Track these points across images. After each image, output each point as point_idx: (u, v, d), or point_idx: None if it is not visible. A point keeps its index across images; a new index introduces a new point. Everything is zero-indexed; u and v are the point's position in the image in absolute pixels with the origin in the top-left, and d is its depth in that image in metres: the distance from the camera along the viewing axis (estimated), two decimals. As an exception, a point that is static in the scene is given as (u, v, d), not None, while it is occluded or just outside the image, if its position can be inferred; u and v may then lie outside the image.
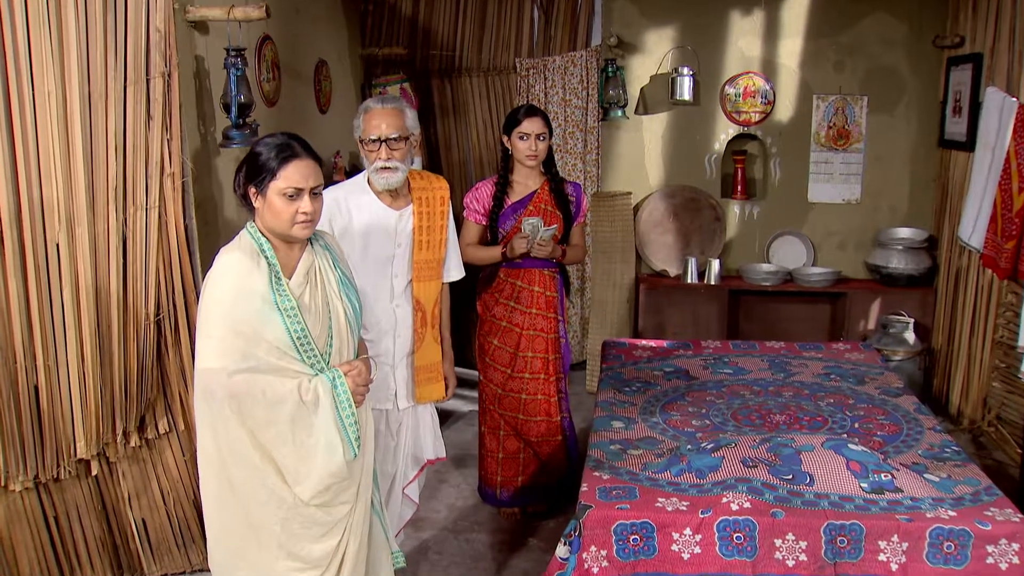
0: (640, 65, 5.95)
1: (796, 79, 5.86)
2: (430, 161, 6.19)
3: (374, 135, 3.09)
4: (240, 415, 2.33)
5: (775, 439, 3.24)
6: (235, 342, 2.32)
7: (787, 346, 4.82)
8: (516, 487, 4.15)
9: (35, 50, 2.90)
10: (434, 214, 3.27)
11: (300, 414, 2.38)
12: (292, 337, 2.38)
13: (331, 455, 2.42)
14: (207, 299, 2.36)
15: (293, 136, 2.46)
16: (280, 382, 2.35)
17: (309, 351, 2.42)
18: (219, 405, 2.33)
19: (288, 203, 2.37)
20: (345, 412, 2.44)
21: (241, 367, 2.31)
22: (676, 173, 6.04)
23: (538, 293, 4.01)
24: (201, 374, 2.35)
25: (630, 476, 3.14)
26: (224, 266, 2.38)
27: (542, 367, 4.05)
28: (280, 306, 2.37)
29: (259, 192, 2.39)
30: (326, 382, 2.43)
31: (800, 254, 6.01)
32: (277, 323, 2.36)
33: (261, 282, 2.36)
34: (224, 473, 2.40)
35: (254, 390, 2.33)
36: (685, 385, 4.19)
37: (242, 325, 2.32)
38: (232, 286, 2.35)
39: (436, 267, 3.34)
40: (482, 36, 6.02)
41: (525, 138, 3.85)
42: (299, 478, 2.41)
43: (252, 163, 2.40)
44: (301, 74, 4.72)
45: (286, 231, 2.41)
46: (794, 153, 5.94)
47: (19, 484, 3.10)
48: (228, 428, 2.35)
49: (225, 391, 2.32)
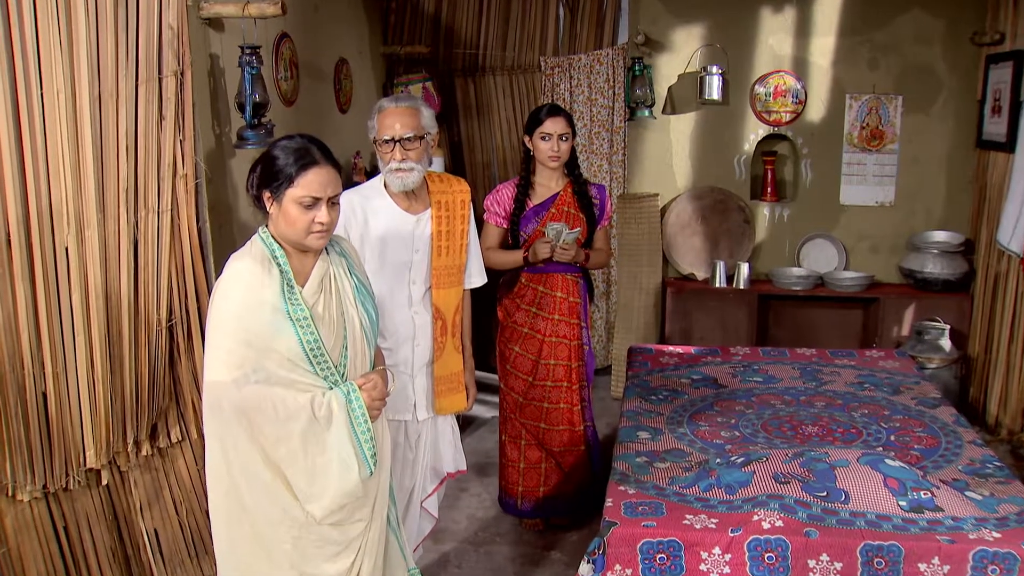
0: (668, 64, 5.83)
1: (828, 78, 5.72)
2: (453, 162, 6.13)
3: (388, 135, 2.99)
4: (250, 431, 2.24)
5: (808, 453, 3.12)
6: (245, 354, 2.22)
7: (819, 353, 4.70)
8: (538, 498, 4.04)
9: (44, 47, 2.81)
10: (454, 218, 3.17)
11: (313, 430, 2.27)
12: (305, 349, 2.28)
13: (346, 473, 2.32)
14: (216, 308, 2.27)
15: (312, 139, 2.35)
16: (292, 396, 2.26)
17: (323, 363, 2.33)
18: (228, 420, 2.24)
19: (304, 212, 2.28)
20: (360, 428, 2.34)
21: (251, 380, 2.22)
22: (704, 174, 5.93)
23: (561, 299, 3.90)
24: (209, 387, 2.26)
25: (657, 491, 3.05)
26: (234, 274, 2.29)
27: (565, 375, 3.94)
28: (292, 316, 2.27)
29: (274, 198, 2.29)
30: (340, 397, 2.33)
31: (831, 258, 5.87)
32: (289, 334, 2.26)
33: (272, 291, 2.26)
34: (234, 491, 2.30)
35: (264, 405, 2.23)
36: (713, 394, 4.08)
37: (252, 336, 2.23)
38: (242, 295, 2.25)
39: (456, 273, 3.23)
40: (506, 34, 5.95)
41: (547, 139, 3.74)
42: (311, 497, 2.31)
43: (268, 167, 2.30)
44: (321, 73, 4.64)
45: (300, 240, 2.31)
46: (826, 154, 5.80)
47: (27, 494, 3.02)
48: (237, 444, 2.26)
49: (234, 405, 2.23)
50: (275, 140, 2.37)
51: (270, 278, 2.27)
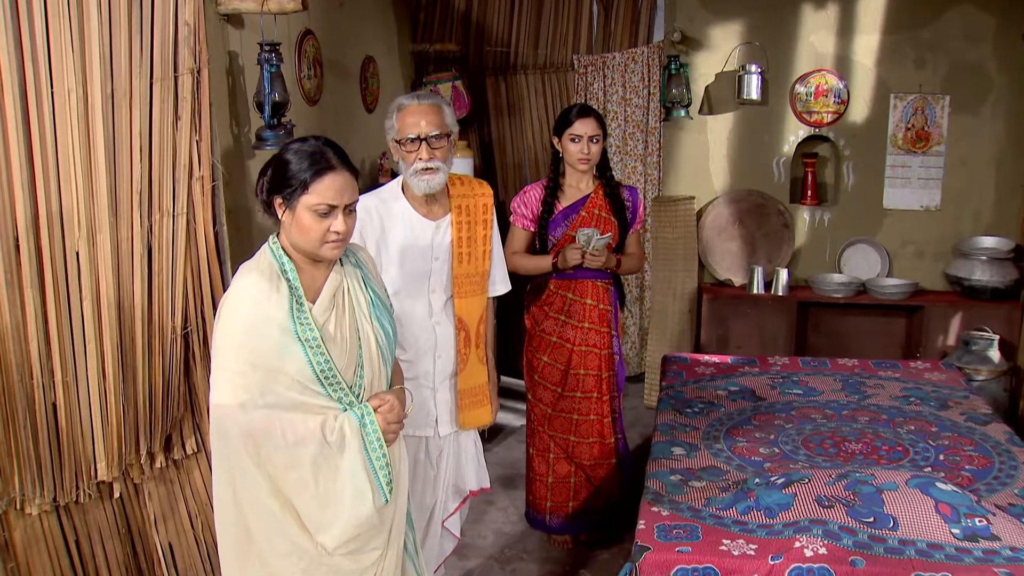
0: (705, 62, 5.68)
1: (872, 77, 5.53)
2: (483, 163, 6.02)
3: (413, 133, 2.84)
4: (257, 457, 2.12)
5: (853, 475, 2.96)
6: (252, 376, 2.10)
7: (861, 363, 4.54)
8: (567, 513, 3.89)
9: (54, 44, 2.71)
10: (476, 223, 3.03)
11: (324, 456, 2.15)
12: (315, 370, 2.15)
13: (359, 503, 2.19)
14: (221, 327, 2.14)
15: (328, 142, 2.22)
16: (302, 420, 2.13)
17: (335, 384, 2.20)
18: (234, 445, 2.12)
19: (319, 221, 2.14)
20: (375, 454, 2.21)
21: (259, 403, 2.09)
22: (742, 177, 5.77)
23: (591, 306, 3.75)
24: (216, 410, 2.14)
25: (692, 512, 2.91)
26: (240, 290, 2.16)
27: (595, 385, 3.79)
28: (301, 336, 2.14)
29: (287, 205, 2.16)
30: (353, 420, 2.20)
31: (874, 264, 5.69)
32: (298, 355, 2.13)
33: (280, 310, 2.13)
34: (241, 520, 2.18)
35: (273, 429, 2.10)
36: (751, 407, 3.94)
37: (259, 357, 2.10)
38: (247, 314, 2.13)
39: (480, 281, 3.09)
40: (538, 31, 5.83)
41: (577, 140, 3.60)
42: (323, 526, 2.18)
43: (280, 171, 2.16)
44: (346, 71, 4.53)
45: (314, 251, 2.18)
46: (869, 156, 5.62)
47: (36, 507, 2.93)
48: (244, 471, 2.13)
49: (240, 430, 2.10)
50: (288, 142, 2.24)
51: (278, 295, 2.14)
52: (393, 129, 2.88)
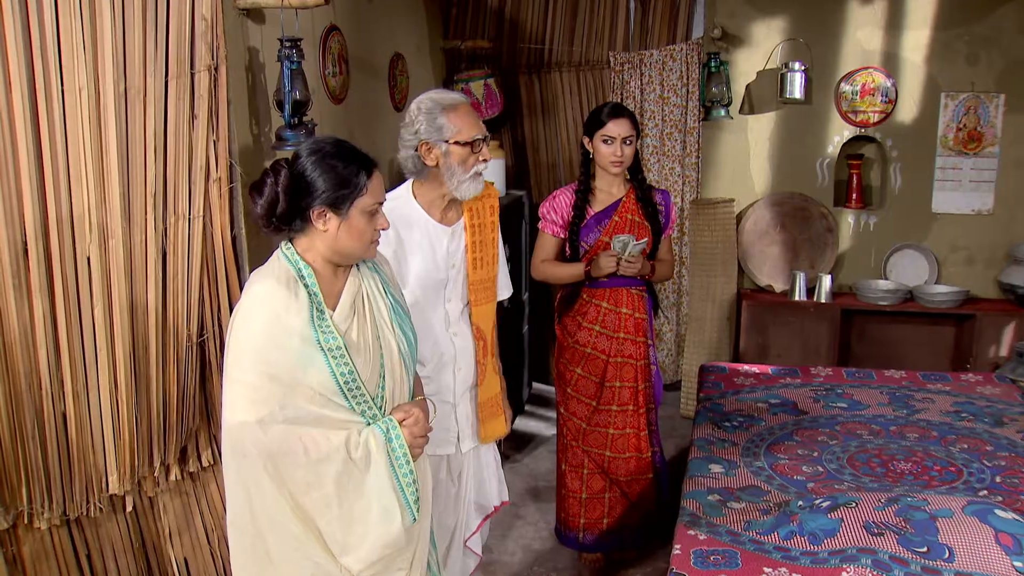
0: (746, 60, 5.52)
1: (922, 75, 5.34)
2: (516, 163, 5.90)
3: (479, 133, 2.71)
4: (278, 476, 2.00)
5: (904, 499, 2.79)
6: (271, 389, 1.98)
7: (909, 376, 4.36)
8: (601, 530, 3.74)
9: (64, 40, 2.61)
10: (486, 227, 2.91)
11: (349, 474, 2.03)
12: (338, 382, 2.04)
13: (387, 523, 2.08)
14: (236, 338, 2.03)
15: (341, 140, 2.12)
16: (324, 436, 2.01)
17: (358, 396, 2.09)
18: (252, 464, 2.00)
19: (370, 221, 2.09)
20: (402, 470, 2.10)
21: (278, 419, 1.98)
22: (784, 179, 5.62)
23: (626, 315, 3.59)
24: (231, 428, 2.02)
25: (731, 537, 2.77)
26: (255, 299, 2.04)
27: (631, 398, 3.63)
28: (324, 345, 2.03)
29: (336, 213, 2.04)
30: (379, 435, 2.08)
31: (921, 270, 5.50)
32: (321, 366, 2.02)
33: (300, 318, 2.02)
34: (260, 544, 2.06)
35: (294, 446, 1.99)
36: (793, 421, 3.77)
37: (278, 369, 1.99)
38: (265, 323, 2.01)
39: (491, 287, 2.97)
40: (574, 28, 5.69)
41: (610, 142, 3.44)
42: (348, 548, 2.07)
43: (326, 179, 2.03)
44: (374, 68, 4.40)
45: (363, 253, 2.12)
46: (917, 157, 5.44)
47: (44, 522, 2.83)
48: (264, 492, 2.01)
49: (259, 448, 1.98)
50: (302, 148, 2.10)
51: (297, 302, 2.03)
52: (449, 129, 2.67)
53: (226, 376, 2.04)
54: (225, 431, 2.05)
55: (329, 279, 2.12)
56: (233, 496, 2.08)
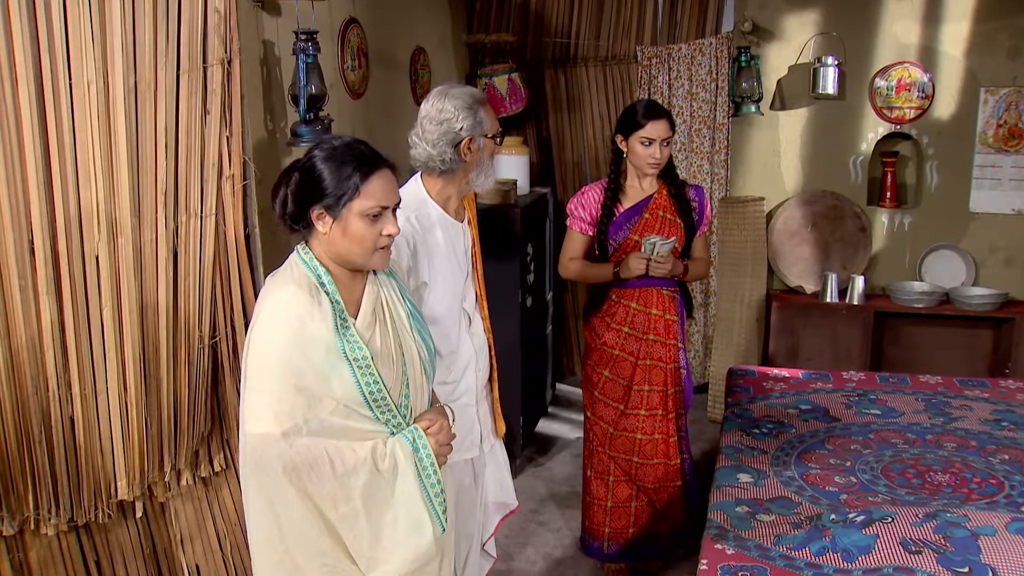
0: (778, 54, 5.38)
1: (960, 69, 5.17)
2: (541, 160, 5.80)
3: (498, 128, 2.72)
4: (304, 490, 1.93)
5: (943, 515, 2.66)
6: (295, 401, 1.91)
7: (945, 381, 4.23)
8: (626, 539, 3.63)
9: (72, 33, 2.54)
10: (473, 220, 2.88)
11: (376, 485, 1.97)
12: (364, 393, 1.97)
13: (418, 535, 2.02)
14: (257, 347, 1.95)
15: (356, 140, 2.03)
16: (350, 448, 1.95)
17: (384, 407, 2.02)
18: (277, 479, 1.92)
19: (371, 225, 1.97)
20: (430, 480, 2.04)
21: (304, 431, 1.91)
22: (816, 177, 5.48)
23: (656, 316, 3.47)
24: (253, 440, 1.93)
25: (760, 552, 2.67)
26: (277, 305, 1.96)
27: (660, 402, 3.51)
28: (349, 356, 1.96)
29: (330, 214, 1.96)
30: (406, 445, 2.02)
31: (958, 272, 5.35)
32: (346, 377, 1.95)
33: (325, 326, 1.94)
34: (288, 560, 1.99)
35: (320, 459, 1.92)
36: (824, 428, 3.66)
37: (304, 380, 1.91)
38: (288, 331, 1.93)
39: (481, 280, 2.93)
40: (600, 21, 5.57)
41: (648, 144, 3.32)
42: (376, 562, 2.01)
43: (320, 178, 1.97)
44: (395, 62, 4.31)
45: (365, 261, 2.01)
46: (955, 155, 5.28)
47: (51, 528, 2.76)
48: (291, 508, 1.94)
49: (284, 462, 1.91)
50: (313, 146, 2.03)
51: (321, 310, 1.96)
52: (487, 123, 2.68)
53: (247, 386, 1.97)
54: (246, 444, 1.97)
55: (347, 285, 2.05)
56: (257, 512, 2.00)
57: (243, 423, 1.97)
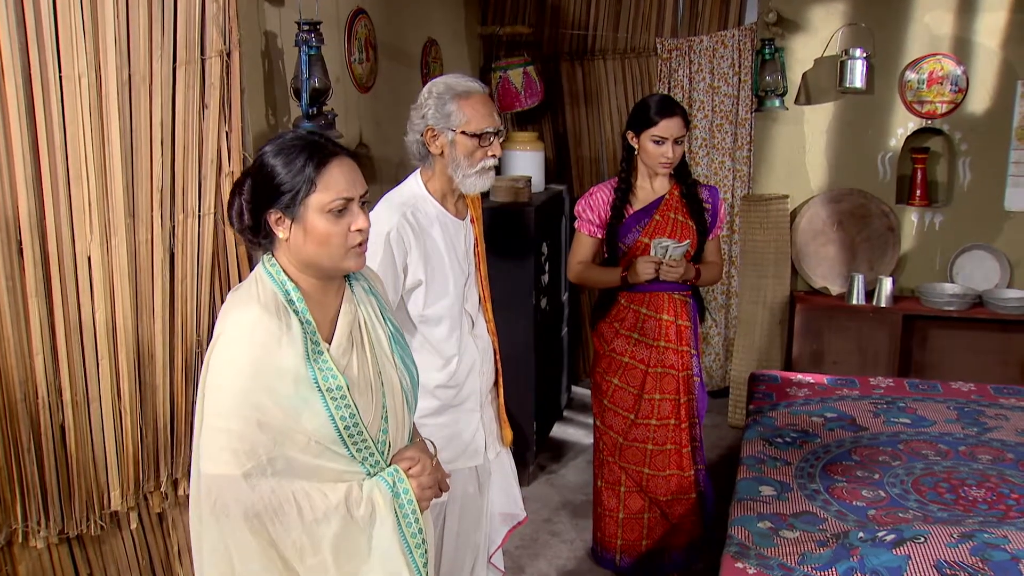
0: (803, 47, 5.21)
1: (996, 62, 4.98)
2: (557, 155, 5.66)
3: (491, 126, 2.49)
4: (267, 539, 1.72)
5: (980, 536, 2.52)
6: (257, 439, 1.69)
7: (978, 389, 4.07)
8: (640, 552, 3.49)
9: (62, 24, 2.44)
10: (477, 217, 2.73)
11: (349, 535, 1.76)
12: (339, 427, 1.75)
13: None
14: (216, 376, 1.72)
15: (311, 131, 1.81)
16: (320, 492, 1.74)
17: (360, 443, 1.80)
18: (235, 526, 1.71)
19: (336, 222, 1.73)
20: (411, 529, 1.83)
21: (267, 473, 1.70)
22: (842, 174, 5.31)
23: (667, 322, 3.32)
24: (210, 482, 1.71)
25: (783, 572, 2.57)
26: (239, 328, 1.73)
27: (672, 411, 3.37)
28: (322, 385, 1.73)
29: (288, 216, 1.73)
30: (385, 489, 1.81)
31: (991, 273, 5.16)
32: (317, 410, 1.73)
33: (294, 352, 1.72)
34: None
35: (286, 505, 1.71)
36: (851, 438, 3.52)
37: (268, 416, 1.69)
38: (251, 360, 1.70)
39: (485, 281, 2.78)
40: (619, 13, 5.43)
41: (660, 142, 3.17)
42: None
43: (271, 176, 1.73)
44: (405, 55, 4.18)
45: (337, 263, 1.76)
46: (989, 151, 5.09)
47: (41, 540, 2.66)
48: (249, 558, 1.73)
49: (244, 507, 1.69)
50: (261, 148, 1.80)
51: (290, 335, 1.73)
52: (459, 117, 2.47)
53: (203, 420, 1.75)
54: (200, 485, 1.75)
55: (320, 301, 1.82)
56: (211, 562, 1.78)
57: (197, 460, 1.76)
